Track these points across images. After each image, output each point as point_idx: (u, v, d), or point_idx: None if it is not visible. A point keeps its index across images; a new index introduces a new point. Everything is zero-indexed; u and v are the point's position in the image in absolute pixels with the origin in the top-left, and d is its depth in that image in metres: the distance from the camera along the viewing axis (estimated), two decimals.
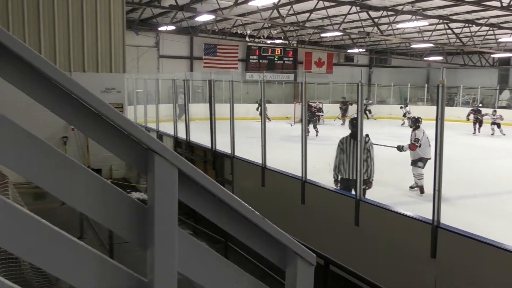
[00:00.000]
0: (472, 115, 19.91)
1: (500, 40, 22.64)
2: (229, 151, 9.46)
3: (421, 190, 9.14)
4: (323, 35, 23.42)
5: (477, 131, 19.53)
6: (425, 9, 17.26)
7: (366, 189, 7.01)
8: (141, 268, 1.39)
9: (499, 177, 10.72)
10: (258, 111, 21.81)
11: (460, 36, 21.05)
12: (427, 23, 19.17)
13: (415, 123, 9.43)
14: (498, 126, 19.24)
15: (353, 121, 7.32)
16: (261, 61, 27.68)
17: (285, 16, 17.50)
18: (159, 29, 22.03)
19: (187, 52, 25.64)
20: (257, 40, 24.67)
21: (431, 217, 5.12)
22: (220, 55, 26.02)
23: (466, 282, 4.81)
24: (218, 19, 19.53)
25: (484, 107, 22.75)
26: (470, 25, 19.42)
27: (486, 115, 19.53)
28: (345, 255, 5.70)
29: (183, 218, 7.18)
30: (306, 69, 28.15)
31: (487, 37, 21.76)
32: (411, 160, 9.31)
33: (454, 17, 18.41)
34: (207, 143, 10.48)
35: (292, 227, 6.34)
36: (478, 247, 4.63)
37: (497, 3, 14.73)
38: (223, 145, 9.92)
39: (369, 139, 7.19)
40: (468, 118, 20.01)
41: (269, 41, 25.76)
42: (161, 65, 24.42)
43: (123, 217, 1.31)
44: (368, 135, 7.18)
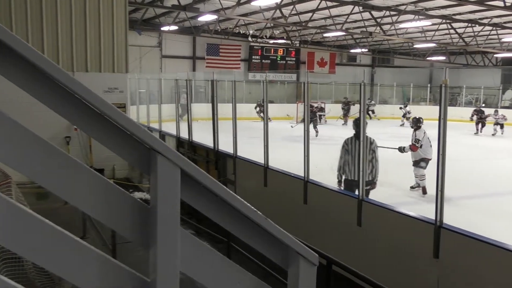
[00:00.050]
0: (475, 116, 19.88)
1: (503, 40, 22.59)
2: (232, 151, 9.46)
3: (423, 191, 9.09)
4: (325, 35, 23.40)
5: (479, 131, 19.49)
6: (428, 8, 17.23)
7: (370, 189, 7.00)
8: (144, 268, 1.39)
9: (500, 177, 10.69)
10: (256, 109, 21.89)
11: (463, 36, 21.00)
12: (430, 23, 19.14)
13: (416, 123, 9.38)
14: (501, 126, 19.19)
15: (357, 122, 7.25)
16: (263, 61, 27.67)
17: (287, 16, 17.49)
18: (162, 29, 22.04)
19: (189, 52, 25.66)
20: (259, 40, 24.67)
21: (432, 217, 5.12)
22: (222, 55, 26.03)
23: (469, 282, 4.80)
24: (220, 19, 19.54)
25: (487, 107, 22.71)
26: (473, 25, 19.37)
27: (489, 116, 19.47)
28: (347, 255, 5.69)
29: (185, 218, 7.19)
30: (308, 69, 28.13)
31: (490, 37, 21.70)
32: (413, 160, 9.29)
33: (457, 17, 18.37)
34: (209, 143, 10.48)
35: (294, 227, 6.34)
36: (481, 247, 4.61)
37: (500, 3, 14.69)
38: (225, 145, 9.93)
39: (374, 140, 7.17)
40: (471, 118, 20.00)
41: (271, 41, 25.76)
42: (164, 65, 24.44)
43: (125, 217, 1.31)
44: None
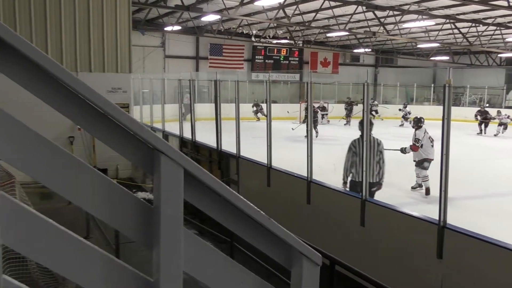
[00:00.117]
0: (478, 116, 19.80)
1: (507, 39, 22.52)
2: (235, 151, 9.46)
3: (426, 191, 9.03)
4: (329, 35, 23.39)
5: (483, 131, 19.43)
6: (431, 8, 17.20)
7: (376, 191, 6.98)
8: (147, 267, 1.39)
9: (500, 177, 10.65)
10: (253, 109, 21.98)
11: (467, 35, 20.95)
12: (433, 23, 19.10)
13: (417, 123, 9.33)
14: (505, 127, 19.12)
15: (363, 123, 7.20)
16: (266, 61, 27.68)
17: (290, 16, 17.49)
18: (165, 29, 22.08)
19: (193, 52, 25.69)
20: (262, 40, 24.67)
21: (432, 218, 5.11)
22: (225, 55, 26.05)
23: (472, 282, 4.79)
24: (224, 19, 19.56)
25: (491, 107, 22.64)
26: (477, 25, 19.32)
27: (493, 118, 19.37)
28: (350, 255, 5.68)
29: (188, 218, 7.18)
30: (311, 69, 28.13)
31: (494, 36, 21.65)
32: (414, 160, 9.22)
33: (460, 17, 18.33)
34: (212, 143, 10.49)
35: (297, 227, 6.34)
36: (484, 247, 4.60)
37: (504, 3, 14.65)
38: (228, 145, 9.93)
39: (381, 141, 7.13)
40: (476, 118, 19.91)
41: (274, 41, 25.76)
42: (167, 65, 24.48)
43: (129, 217, 1.31)
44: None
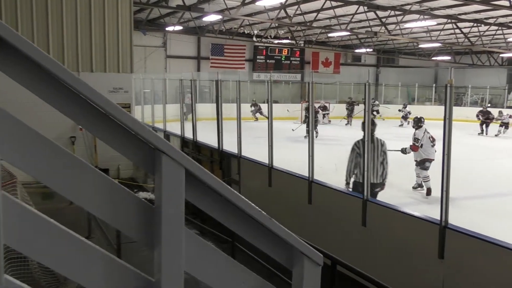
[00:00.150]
0: (480, 116, 19.73)
1: (509, 39, 22.48)
2: (236, 151, 9.46)
3: (428, 192, 8.97)
4: (330, 35, 23.37)
5: (484, 132, 19.37)
6: (433, 8, 17.18)
7: (379, 191, 6.98)
8: (149, 267, 1.39)
9: (500, 177, 10.60)
10: (251, 109, 21.89)
11: (468, 35, 20.92)
12: (435, 23, 19.08)
13: (417, 123, 9.30)
14: (506, 126, 19.08)
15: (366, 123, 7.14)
16: (268, 61, 27.67)
17: (292, 16, 17.48)
18: (167, 29, 22.09)
19: (194, 52, 25.70)
20: (264, 40, 24.67)
21: (435, 218, 5.10)
22: (227, 55, 26.05)
23: (474, 282, 4.78)
24: (225, 19, 19.56)
25: (492, 107, 22.59)
26: (478, 25, 19.29)
27: (495, 118, 19.30)
28: (352, 255, 5.68)
29: (190, 218, 7.20)
30: (313, 69, 28.11)
31: (495, 36, 21.61)
32: (415, 160, 9.17)
33: (462, 17, 18.30)
34: (214, 143, 10.49)
35: (299, 227, 6.34)
36: (486, 247, 4.60)
37: (506, 3, 14.63)
38: (230, 145, 9.93)
39: (384, 142, 7.11)
40: (478, 118, 19.83)
41: (276, 41, 25.75)
42: (168, 65, 24.49)
43: (130, 216, 1.31)
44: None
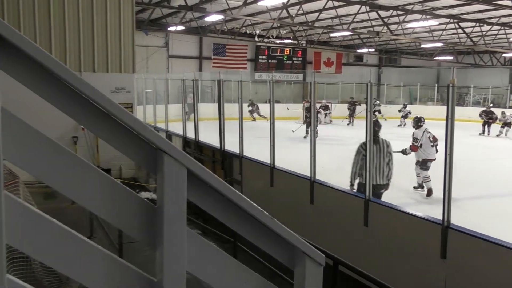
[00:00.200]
0: (483, 116, 19.61)
1: (511, 39, 22.43)
2: (238, 151, 9.47)
3: (428, 192, 8.84)
4: (332, 35, 23.35)
5: (486, 132, 19.28)
6: (435, 8, 17.15)
7: (383, 192, 6.96)
8: (151, 267, 1.39)
9: (499, 177, 10.55)
10: (248, 109, 21.68)
11: (470, 35, 20.88)
12: (437, 23, 19.04)
13: (417, 123, 9.24)
14: (509, 126, 19.01)
15: (372, 124, 6.97)
16: (270, 61, 27.66)
17: (294, 16, 17.48)
18: (169, 29, 22.09)
19: (196, 52, 25.70)
20: (266, 40, 24.66)
21: (437, 218, 5.10)
22: (229, 55, 26.05)
23: (476, 282, 4.77)
24: (227, 19, 19.56)
25: (495, 107, 22.52)
26: (481, 25, 19.25)
27: (497, 119, 19.21)
28: (354, 255, 5.68)
29: (192, 217, 7.20)
30: (315, 69, 28.08)
31: (498, 36, 21.56)
32: (417, 160, 9.09)
33: (464, 16, 18.26)
34: (216, 143, 10.49)
35: (301, 227, 6.34)
36: (488, 247, 4.59)
37: (508, 2, 14.61)
38: (231, 145, 9.94)
39: (389, 143, 7.08)
40: (481, 117, 19.70)
41: (278, 41, 25.74)
42: (171, 65, 24.50)
43: (132, 216, 1.31)
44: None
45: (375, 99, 24.70)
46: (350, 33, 21.47)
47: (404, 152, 9.18)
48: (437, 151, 8.79)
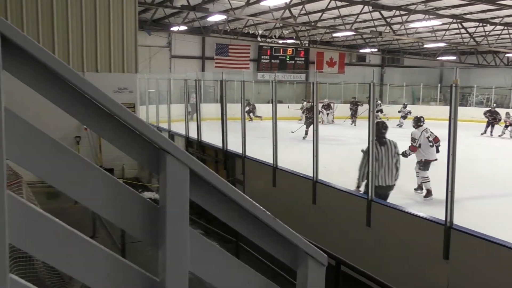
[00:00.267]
0: (488, 115, 19.40)
1: None
2: (240, 151, 9.46)
3: (427, 193, 8.65)
4: (335, 35, 23.34)
5: (488, 132, 19.13)
6: (438, 8, 17.12)
7: (390, 193, 6.95)
8: (153, 267, 1.39)
9: (499, 178, 10.49)
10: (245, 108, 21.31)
11: (474, 35, 20.82)
12: (440, 23, 19.00)
13: (416, 122, 9.17)
14: None
15: (378, 125, 6.88)
16: (272, 61, 27.66)
17: (297, 16, 17.46)
18: (171, 29, 22.12)
19: (199, 52, 25.72)
20: (268, 40, 24.65)
21: (439, 218, 5.08)
22: (231, 55, 26.06)
23: (479, 283, 4.76)
24: (230, 19, 19.57)
25: (498, 107, 22.43)
26: (484, 24, 19.20)
27: (501, 120, 19.07)
28: (356, 255, 5.67)
29: (194, 217, 7.20)
30: (317, 69, 28.07)
31: (501, 36, 21.50)
32: (420, 160, 8.98)
33: (468, 16, 18.22)
34: (218, 143, 10.49)
35: (303, 227, 6.33)
36: (491, 248, 4.57)
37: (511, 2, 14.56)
38: (234, 145, 9.94)
39: (396, 143, 7.04)
40: (486, 116, 19.50)
41: (280, 41, 25.73)
42: (173, 65, 24.52)
43: (135, 216, 1.32)
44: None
45: (376, 99, 24.60)
46: (352, 33, 21.45)
47: (404, 154, 9.08)
48: (439, 151, 8.72)
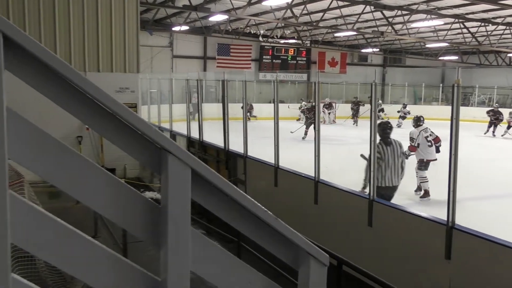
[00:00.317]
0: (491, 115, 19.30)
1: None
2: (242, 151, 9.46)
3: (424, 194, 8.57)
4: (336, 34, 23.32)
5: (490, 132, 19.06)
6: (440, 8, 17.10)
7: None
8: (155, 267, 1.39)
9: (499, 178, 10.47)
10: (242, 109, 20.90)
11: (476, 35, 20.78)
12: (442, 22, 18.98)
13: (416, 122, 9.14)
14: None
15: (383, 125, 6.86)
16: (274, 61, 27.65)
17: (298, 15, 17.45)
18: (173, 29, 22.13)
19: (200, 52, 25.73)
20: (270, 40, 24.65)
21: (441, 218, 5.08)
22: (233, 55, 26.06)
23: (481, 283, 4.75)
24: (231, 19, 19.57)
25: (500, 107, 22.38)
26: (486, 24, 19.17)
27: (505, 121, 19.01)
28: (358, 255, 5.66)
29: (196, 217, 7.20)
30: (319, 69, 28.06)
31: (503, 36, 21.47)
32: (420, 160, 8.92)
33: (470, 16, 18.20)
34: (220, 142, 10.50)
35: (305, 227, 6.33)
36: (493, 248, 4.57)
37: None
38: (236, 145, 9.94)
39: (401, 143, 7.00)
40: (488, 114, 19.40)
41: (282, 41, 25.73)
42: (175, 65, 24.54)
43: (136, 216, 1.32)
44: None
45: (378, 99, 24.53)
46: (354, 33, 21.43)
47: (405, 155, 9.06)
48: (439, 152, 8.67)
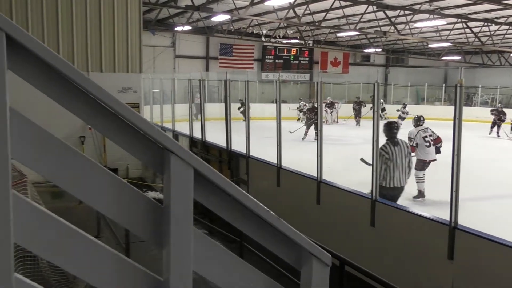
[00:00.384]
0: (494, 114, 19.17)
1: None
2: (245, 151, 9.47)
3: (418, 194, 8.46)
4: (339, 34, 23.30)
5: (494, 133, 18.97)
6: (443, 8, 17.06)
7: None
8: (157, 267, 1.39)
9: (499, 178, 10.43)
10: (239, 110, 20.02)
11: (479, 35, 20.74)
12: (445, 22, 18.94)
13: (416, 122, 9.08)
14: None
15: (390, 125, 6.82)
16: (276, 61, 27.65)
17: (301, 15, 17.45)
18: (176, 29, 22.14)
19: (203, 52, 25.75)
20: (272, 40, 24.64)
21: (444, 218, 5.07)
22: (235, 55, 26.07)
23: (484, 283, 4.74)
24: (234, 19, 19.57)
25: (504, 107, 22.32)
26: (489, 24, 19.12)
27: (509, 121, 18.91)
28: (360, 255, 5.66)
29: (198, 217, 7.21)
30: (322, 69, 28.03)
31: (506, 36, 21.42)
32: (420, 159, 8.81)
33: (472, 16, 18.15)
34: (222, 143, 10.50)
35: (307, 227, 6.32)
36: (496, 248, 4.56)
37: None
38: (238, 145, 9.94)
39: (408, 144, 6.97)
40: (492, 114, 19.28)
41: (284, 41, 25.72)
42: (177, 65, 24.56)
43: (139, 216, 1.32)
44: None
45: (379, 99, 24.43)
46: (357, 33, 21.42)
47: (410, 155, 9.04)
48: (439, 152, 8.63)
